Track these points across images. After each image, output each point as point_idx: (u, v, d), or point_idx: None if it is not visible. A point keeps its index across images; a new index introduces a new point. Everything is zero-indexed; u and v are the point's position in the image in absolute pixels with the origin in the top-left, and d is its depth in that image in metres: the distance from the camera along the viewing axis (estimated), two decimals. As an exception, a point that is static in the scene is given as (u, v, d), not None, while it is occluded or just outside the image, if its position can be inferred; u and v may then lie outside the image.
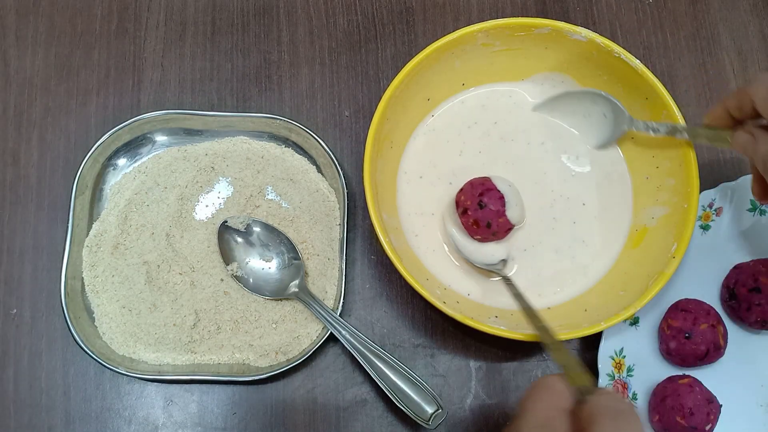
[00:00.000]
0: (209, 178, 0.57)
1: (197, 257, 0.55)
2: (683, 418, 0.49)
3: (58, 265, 0.54)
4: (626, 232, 0.55)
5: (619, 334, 0.53)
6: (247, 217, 0.55)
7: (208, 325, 0.54)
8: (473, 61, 0.56)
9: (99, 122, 0.60)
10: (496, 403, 0.54)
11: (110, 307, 0.54)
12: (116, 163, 0.58)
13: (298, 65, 0.62)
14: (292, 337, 0.54)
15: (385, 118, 0.52)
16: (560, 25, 0.53)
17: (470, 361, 0.55)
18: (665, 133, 0.51)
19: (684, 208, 0.50)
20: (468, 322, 0.47)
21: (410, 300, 0.56)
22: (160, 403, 0.54)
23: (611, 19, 0.65)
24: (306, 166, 0.58)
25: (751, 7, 0.65)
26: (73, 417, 0.53)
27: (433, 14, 0.64)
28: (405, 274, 0.48)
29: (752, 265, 0.53)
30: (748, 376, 0.53)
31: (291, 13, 0.64)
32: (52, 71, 0.61)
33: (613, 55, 0.53)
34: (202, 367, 0.53)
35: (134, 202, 0.56)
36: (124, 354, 0.53)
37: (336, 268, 0.55)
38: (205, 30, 0.63)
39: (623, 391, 0.52)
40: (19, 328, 0.55)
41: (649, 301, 0.48)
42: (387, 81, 0.60)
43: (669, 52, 0.64)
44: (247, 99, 0.61)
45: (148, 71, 0.62)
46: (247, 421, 0.53)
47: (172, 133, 0.58)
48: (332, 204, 0.57)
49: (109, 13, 0.63)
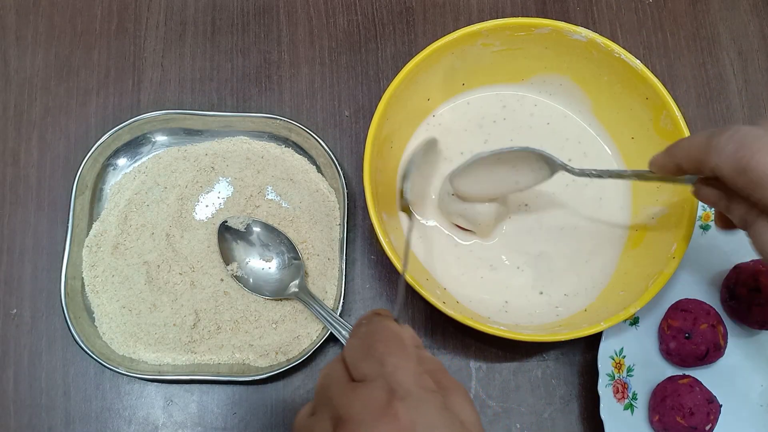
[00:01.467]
0: (209, 178, 0.57)
1: (197, 257, 0.55)
2: (683, 418, 0.49)
3: (58, 265, 0.54)
4: (626, 232, 0.55)
5: (619, 334, 0.53)
6: (247, 217, 0.55)
7: (208, 325, 0.54)
8: (473, 61, 0.56)
9: (99, 122, 0.60)
10: (496, 403, 0.54)
11: (110, 307, 0.54)
12: (116, 163, 0.58)
13: (298, 65, 0.62)
14: (292, 337, 0.54)
15: (385, 118, 0.52)
16: (560, 25, 0.53)
17: (470, 361, 0.55)
18: (608, 176, 0.47)
19: (684, 208, 0.50)
20: (468, 322, 0.47)
21: (410, 300, 0.56)
22: (160, 403, 0.54)
23: (611, 19, 0.65)
24: (306, 166, 0.58)
25: (751, 7, 0.65)
26: (73, 417, 0.53)
27: (433, 14, 0.64)
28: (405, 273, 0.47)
29: (752, 265, 0.53)
30: (748, 376, 0.53)
31: (291, 13, 0.64)
32: (52, 71, 0.61)
33: (613, 55, 0.53)
34: (202, 367, 0.53)
35: (134, 202, 0.56)
36: (124, 354, 0.53)
37: (336, 268, 0.55)
38: (205, 30, 0.63)
39: (623, 391, 0.52)
40: (19, 328, 0.55)
41: (649, 301, 0.48)
42: (387, 81, 0.60)
43: (669, 52, 0.64)
44: (247, 99, 0.61)
45: (148, 71, 0.62)
46: (247, 421, 0.53)
47: (172, 133, 0.58)
48: (332, 204, 0.57)
49: (109, 13, 0.63)
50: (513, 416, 0.54)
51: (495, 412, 0.54)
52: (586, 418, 0.54)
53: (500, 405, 0.54)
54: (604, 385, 0.51)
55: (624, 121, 0.55)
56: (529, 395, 0.54)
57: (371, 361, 0.32)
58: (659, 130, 0.53)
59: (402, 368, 0.31)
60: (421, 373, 0.32)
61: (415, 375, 0.31)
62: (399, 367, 0.31)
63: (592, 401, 0.53)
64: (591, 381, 0.54)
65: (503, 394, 0.54)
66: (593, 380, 0.52)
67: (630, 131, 0.55)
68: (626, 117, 0.55)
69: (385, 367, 0.32)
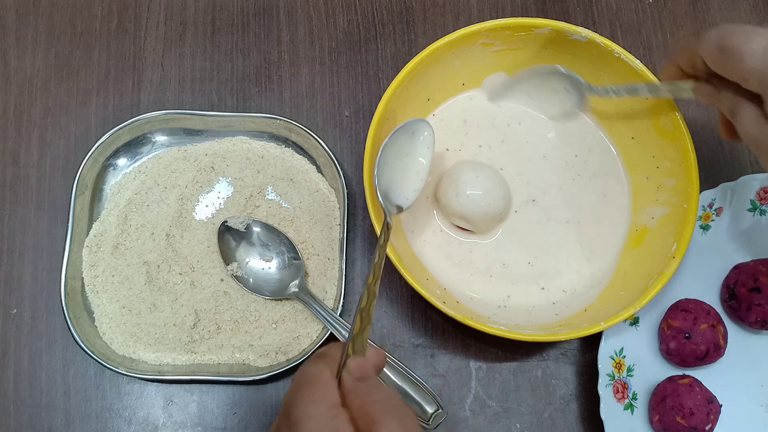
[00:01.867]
0: (209, 178, 0.57)
1: (197, 257, 0.55)
2: (683, 418, 0.49)
3: (58, 265, 0.54)
4: (626, 232, 0.55)
5: (619, 334, 0.53)
6: (247, 217, 0.55)
7: (208, 325, 0.54)
8: (473, 61, 0.56)
9: (99, 122, 0.60)
10: (496, 403, 0.54)
11: (110, 307, 0.54)
12: (116, 163, 0.58)
13: (298, 65, 0.62)
14: (292, 337, 0.54)
15: (385, 118, 0.52)
16: (560, 25, 0.53)
17: (470, 361, 0.55)
18: (626, 93, 0.51)
19: (684, 208, 0.50)
20: (468, 322, 0.47)
21: (410, 300, 0.56)
22: (160, 403, 0.54)
23: (611, 19, 0.64)
24: (306, 166, 0.58)
25: (751, 7, 0.65)
26: (73, 417, 0.53)
27: (433, 14, 0.64)
28: (405, 274, 0.48)
29: (752, 265, 0.53)
30: (748, 376, 0.53)
31: (291, 13, 0.64)
32: (52, 71, 0.61)
33: (613, 55, 0.53)
34: (202, 367, 0.53)
35: (134, 202, 0.56)
36: (124, 354, 0.53)
37: (336, 268, 0.55)
38: (205, 30, 0.63)
39: (623, 391, 0.52)
40: (19, 328, 0.55)
41: (649, 301, 0.48)
42: (387, 81, 0.60)
43: (669, 52, 0.64)
44: (247, 99, 0.61)
45: (148, 71, 0.62)
46: (247, 421, 0.53)
47: (172, 133, 0.58)
48: (332, 204, 0.57)
49: (109, 13, 0.63)
50: (513, 416, 0.54)
51: (495, 412, 0.54)
52: (586, 418, 0.54)
53: (500, 405, 0.54)
54: (604, 385, 0.51)
55: (624, 121, 0.55)
56: (529, 395, 0.54)
57: (283, 416, 0.35)
58: (659, 130, 0.53)
59: (306, 419, 0.33)
60: (335, 416, 0.33)
61: (322, 423, 0.33)
62: (300, 419, 0.33)
63: (592, 401, 0.53)
64: (591, 381, 0.54)
65: (503, 394, 0.54)
66: (593, 380, 0.52)
67: (630, 131, 0.55)
68: (626, 117, 0.55)
69: (290, 418, 0.34)
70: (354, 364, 0.36)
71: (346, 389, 0.36)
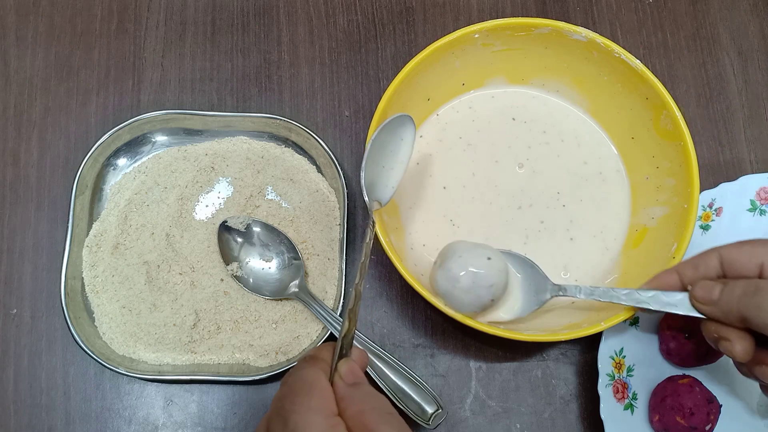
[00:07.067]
0: (209, 178, 0.57)
1: (197, 257, 0.55)
2: (683, 418, 0.49)
3: (58, 265, 0.54)
4: (626, 232, 0.55)
5: (619, 334, 0.53)
6: (247, 217, 0.55)
7: (208, 325, 0.54)
8: (473, 61, 0.56)
9: (99, 122, 0.60)
10: (496, 403, 0.54)
11: (110, 307, 0.54)
12: (116, 163, 0.58)
13: (298, 65, 0.62)
14: (292, 337, 0.54)
15: (385, 118, 0.52)
16: (560, 25, 0.53)
17: (470, 361, 0.55)
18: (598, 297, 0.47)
19: (684, 208, 0.50)
20: (468, 322, 0.47)
21: (410, 300, 0.56)
22: (160, 403, 0.54)
23: (611, 19, 0.65)
24: (306, 166, 0.58)
25: (751, 7, 0.65)
26: (73, 417, 0.53)
27: (433, 14, 0.64)
28: (405, 274, 0.48)
29: (752, 265, 0.53)
30: (748, 376, 0.53)
31: (291, 13, 0.64)
32: (52, 71, 0.61)
33: (613, 55, 0.53)
34: (202, 367, 0.53)
35: (134, 202, 0.56)
36: (124, 354, 0.53)
37: (336, 268, 0.55)
38: (205, 30, 0.63)
39: (623, 391, 0.52)
40: (19, 328, 0.55)
41: (649, 301, 0.48)
42: (387, 81, 0.60)
43: (669, 52, 0.64)
44: (247, 99, 0.61)
45: (148, 71, 0.62)
46: (247, 421, 0.53)
47: (172, 133, 0.58)
48: (332, 204, 0.57)
49: (109, 13, 0.63)
50: (513, 416, 0.54)
51: (495, 412, 0.54)
52: (586, 418, 0.54)
53: (500, 405, 0.54)
54: (604, 385, 0.51)
55: (624, 121, 0.56)
56: (529, 395, 0.54)
57: (278, 420, 0.35)
58: (659, 130, 0.53)
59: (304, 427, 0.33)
60: (334, 425, 0.34)
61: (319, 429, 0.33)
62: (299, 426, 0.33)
63: (592, 401, 0.53)
64: (591, 381, 0.54)
65: (503, 394, 0.54)
66: (593, 380, 0.52)
67: (630, 131, 0.55)
68: (626, 117, 0.55)
69: (288, 424, 0.34)
70: (345, 370, 0.37)
71: (340, 396, 0.36)
